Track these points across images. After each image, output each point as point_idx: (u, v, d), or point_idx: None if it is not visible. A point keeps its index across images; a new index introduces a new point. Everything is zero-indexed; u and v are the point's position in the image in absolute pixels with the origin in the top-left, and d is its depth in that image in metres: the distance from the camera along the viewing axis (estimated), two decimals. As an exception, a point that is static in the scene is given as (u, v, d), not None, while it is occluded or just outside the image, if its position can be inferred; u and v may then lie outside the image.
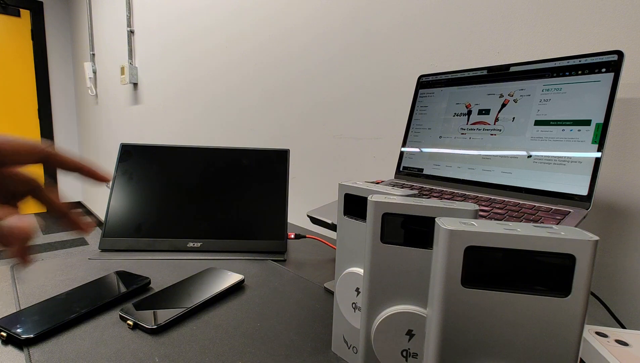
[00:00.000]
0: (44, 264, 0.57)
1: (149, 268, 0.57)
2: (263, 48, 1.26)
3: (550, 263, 0.18)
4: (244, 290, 0.50)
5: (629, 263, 0.51)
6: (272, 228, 0.66)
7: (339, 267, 0.35)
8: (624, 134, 0.51)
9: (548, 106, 0.49)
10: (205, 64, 1.61)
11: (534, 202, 0.47)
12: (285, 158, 0.70)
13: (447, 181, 0.58)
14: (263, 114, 1.29)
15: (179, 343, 0.38)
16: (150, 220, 0.66)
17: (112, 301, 0.45)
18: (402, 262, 0.27)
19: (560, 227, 0.19)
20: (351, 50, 0.94)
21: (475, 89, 0.57)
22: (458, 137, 0.58)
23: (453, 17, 0.72)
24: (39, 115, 3.86)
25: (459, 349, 0.19)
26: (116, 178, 0.69)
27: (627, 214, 0.51)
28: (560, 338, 0.18)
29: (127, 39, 2.32)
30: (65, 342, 0.37)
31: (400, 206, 0.26)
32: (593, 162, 0.43)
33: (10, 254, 0.27)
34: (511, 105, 0.53)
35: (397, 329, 0.27)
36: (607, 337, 0.35)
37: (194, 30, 1.66)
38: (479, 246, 0.18)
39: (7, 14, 3.46)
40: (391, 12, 0.83)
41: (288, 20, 1.14)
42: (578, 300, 0.18)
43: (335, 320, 0.36)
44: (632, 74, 0.50)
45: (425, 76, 0.66)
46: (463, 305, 0.19)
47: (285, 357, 0.36)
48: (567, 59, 0.48)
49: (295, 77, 1.13)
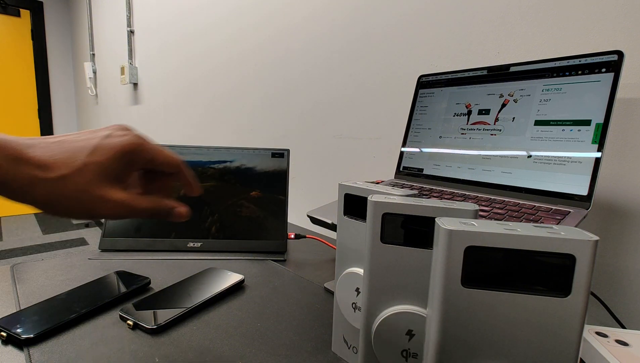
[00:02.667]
0: (44, 264, 0.57)
1: (149, 268, 0.57)
2: (263, 48, 1.26)
3: (550, 263, 0.18)
4: (244, 290, 0.50)
5: (629, 263, 0.51)
6: (272, 228, 0.66)
7: (339, 267, 0.35)
8: (624, 134, 0.51)
9: (548, 106, 0.49)
10: (205, 64, 1.61)
11: (534, 202, 0.47)
12: (286, 158, 0.70)
13: (447, 181, 0.58)
14: (263, 114, 1.29)
15: (179, 343, 0.38)
16: (150, 220, 0.66)
17: (112, 301, 0.45)
18: (402, 262, 0.27)
19: (560, 227, 0.19)
20: (351, 50, 0.94)
21: (475, 89, 0.57)
22: (458, 137, 0.58)
23: (453, 17, 0.72)
24: (39, 115, 3.86)
25: (459, 349, 0.19)
26: (116, 178, 0.69)
27: (627, 215, 0.51)
28: (560, 338, 0.18)
29: (127, 39, 2.32)
30: (65, 342, 0.37)
31: (400, 206, 0.26)
32: (593, 162, 0.43)
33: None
34: (511, 105, 0.53)
35: (397, 329, 0.27)
36: (607, 337, 0.35)
37: (194, 31, 1.66)
38: (479, 246, 0.18)
39: (7, 14, 3.46)
40: (391, 12, 0.83)
41: (288, 20, 1.14)
42: (578, 300, 0.18)
43: (335, 320, 0.36)
44: (632, 74, 0.50)
45: (425, 76, 0.66)
46: (463, 305, 0.19)
47: (285, 357, 0.36)
48: (567, 59, 0.48)
49: (295, 77, 1.13)
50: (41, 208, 0.27)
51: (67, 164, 0.26)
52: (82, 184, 0.26)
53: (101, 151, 0.27)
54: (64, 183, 0.26)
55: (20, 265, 0.57)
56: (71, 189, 0.26)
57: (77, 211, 0.27)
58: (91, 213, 0.27)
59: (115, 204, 0.28)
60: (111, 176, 0.28)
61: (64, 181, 0.26)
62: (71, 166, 0.26)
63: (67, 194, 0.26)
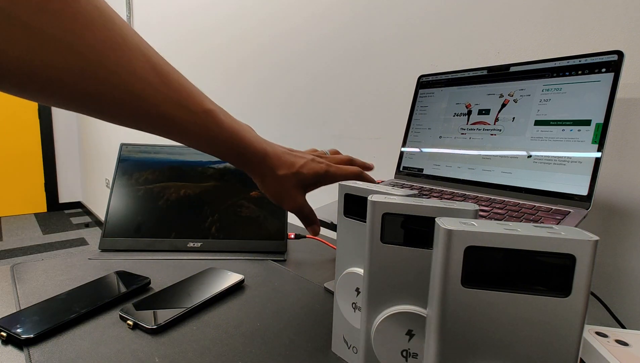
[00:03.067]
0: (44, 264, 0.57)
1: (149, 268, 0.57)
2: (263, 48, 1.26)
3: (551, 263, 0.18)
4: (244, 290, 0.50)
5: (629, 263, 0.51)
6: (272, 228, 0.66)
7: (339, 267, 0.35)
8: (624, 134, 0.51)
9: (548, 106, 0.49)
10: (205, 64, 1.61)
11: (534, 202, 0.47)
12: (285, 158, 0.70)
13: (447, 181, 0.58)
14: (263, 114, 1.29)
15: (179, 343, 0.38)
16: (150, 220, 0.66)
17: (112, 301, 0.45)
18: (402, 262, 0.27)
19: (560, 227, 0.19)
20: (351, 50, 0.94)
21: (475, 89, 0.57)
22: (458, 137, 0.58)
23: (453, 17, 0.72)
24: (39, 115, 3.86)
25: (459, 349, 0.19)
26: (116, 178, 0.69)
27: (627, 215, 0.51)
28: (560, 338, 0.18)
29: (127, 39, 2.31)
30: (65, 342, 0.37)
31: (400, 206, 0.26)
32: (593, 162, 0.43)
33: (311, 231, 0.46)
34: (511, 105, 0.53)
35: (397, 329, 0.27)
36: (607, 337, 0.35)
37: (195, 31, 1.66)
38: (479, 246, 0.18)
39: (7, 14, 3.46)
40: (391, 13, 0.83)
41: (288, 21, 1.14)
42: (578, 300, 0.18)
43: (335, 320, 0.36)
44: (632, 74, 0.50)
45: (425, 76, 0.66)
46: (463, 305, 0.19)
47: (285, 357, 0.36)
48: (567, 59, 0.48)
49: (295, 77, 1.13)
50: (262, 187, 0.42)
51: (288, 168, 0.41)
52: (289, 183, 0.41)
53: (307, 168, 0.42)
54: (282, 178, 0.41)
55: (20, 265, 0.57)
56: (282, 183, 0.41)
57: (276, 196, 0.42)
58: (281, 202, 0.42)
59: (296, 203, 0.42)
60: (304, 186, 0.42)
61: (283, 177, 0.41)
62: (290, 170, 0.41)
63: (279, 185, 0.41)
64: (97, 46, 0.25)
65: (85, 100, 0.27)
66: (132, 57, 0.28)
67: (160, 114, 0.31)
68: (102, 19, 0.26)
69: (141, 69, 0.28)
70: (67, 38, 0.24)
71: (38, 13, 0.22)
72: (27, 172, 3.86)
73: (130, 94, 0.28)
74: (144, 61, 0.29)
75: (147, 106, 0.30)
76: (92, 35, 0.25)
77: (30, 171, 3.88)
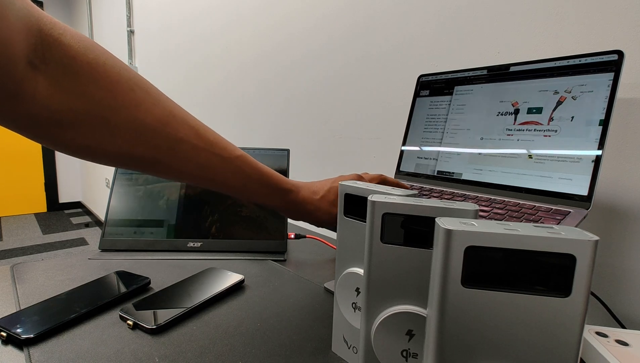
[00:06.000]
0: (44, 264, 0.57)
1: (149, 268, 0.57)
2: (263, 49, 1.26)
3: (551, 263, 0.18)
4: (244, 290, 0.50)
5: (629, 263, 0.51)
6: (272, 228, 0.66)
7: (339, 267, 0.35)
8: (624, 134, 0.51)
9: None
10: (206, 64, 1.61)
11: (534, 202, 0.47)
12: (286, 158, 0.70)
13: (447, 181, 0.58)
14: (263, 114, 1.29)
15: (179, 343, 0.38)
16: (150, 220, 0.66)
17: (112, 301, 0.45)
18: (402, 262, 0.27)
19: (560, 227, 0.19)
20: (352, 50, 0.94)
21: (475, 89, 0.57)
22: (458, 137, 0.58)
23: (453, 17, 0.72)
24: (39, 115, 3.85)
25: (459, 349, 0.19)
26: (116, 178, 0.69)
27: (628, 214, 0.51)
28: (560, 338, 0.18)
29: (127, 39, 2.32)
30: (65, 342, 0.37)
31: (400, 206, 0.26)
32: (593, 162, 0.43)
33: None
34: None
35: (397, 329, 0.27)
36: (607, 337, 0.35)
37: (195, 31, 1.66)
38: (479, 246, 0.18)
39: (7, 14, 3.46)
40: (392, 13, 0.83)
41: (290, 25, 1.14)
42: (578, 300, 0.18)
43: (335, 320, 0.36)
44: (632, 74, 0.50)
45: (425, 76, 0.66)
46: (463, 305, 0.19)
47: (285, 357, 0.36)
48: (567, 59, 0.48)
49: (295, 77, 1.13)
50: (304, 216, 0.47)
51: (322, 191, 0.47)
52: (327, 203, 0.46)
53: (333, 189, 0.47)
54: (321, 199, 0.46)
55: (20, 265, 0.57)
56: (322, 204, 0.46)
57: (313, 217, 0.46)
58: (317, 220, 0.46)
59: (330, 217, 0.46)
60: (334, 202, 0.47)
61: (321, 199, 0.46)
62: (322, 191, 0.47)
63: (319, 206, 0.46)
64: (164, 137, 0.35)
65: (156, 170, 0.36)
66: (180, 129, 0.36)
67: (200, 164, 0.37)
68: (165, 115, 0.35)
69: (187, 137, 0.36)
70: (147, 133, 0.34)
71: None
72: (27, 172, 3.86)
73: (186, 161, 0.37)
74: (189, 128, 0.37)
75: (192, 166, 0.37)
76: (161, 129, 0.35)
77: (30, 171, 3.88)
